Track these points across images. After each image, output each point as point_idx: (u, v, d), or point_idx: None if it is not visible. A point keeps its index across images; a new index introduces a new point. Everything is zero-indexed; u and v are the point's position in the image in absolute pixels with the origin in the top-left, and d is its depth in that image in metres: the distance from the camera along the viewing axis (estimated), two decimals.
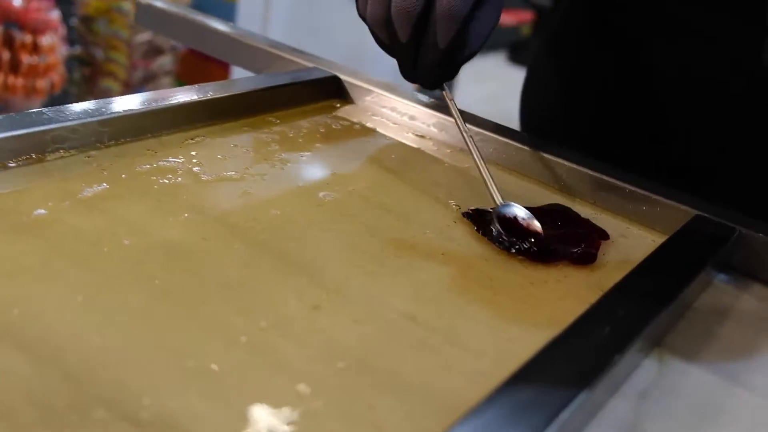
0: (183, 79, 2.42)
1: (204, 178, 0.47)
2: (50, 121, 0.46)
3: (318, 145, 0.56)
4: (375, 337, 0.35)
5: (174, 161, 0.48)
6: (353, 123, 0.60)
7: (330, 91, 0.64)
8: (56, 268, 0.36)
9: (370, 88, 0.62)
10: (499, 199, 0.47)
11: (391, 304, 0.38)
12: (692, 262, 0.43)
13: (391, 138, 0.59)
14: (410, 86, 0.65)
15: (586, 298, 0.40)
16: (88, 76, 2.35)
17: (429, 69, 0.48)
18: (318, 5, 2.45)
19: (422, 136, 0.60)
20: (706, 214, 0.49)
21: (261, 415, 0.29)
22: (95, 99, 0.51)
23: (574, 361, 0.32)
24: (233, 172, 0.48)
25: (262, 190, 0.47)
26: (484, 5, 0.47)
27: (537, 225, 0.45)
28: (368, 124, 0.61)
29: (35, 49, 2.04)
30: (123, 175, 0.45)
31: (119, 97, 0.50)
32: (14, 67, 2.03)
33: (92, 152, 0.47)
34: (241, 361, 0.32)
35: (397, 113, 0.61)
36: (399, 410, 0.31)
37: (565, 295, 0.42)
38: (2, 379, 0.29)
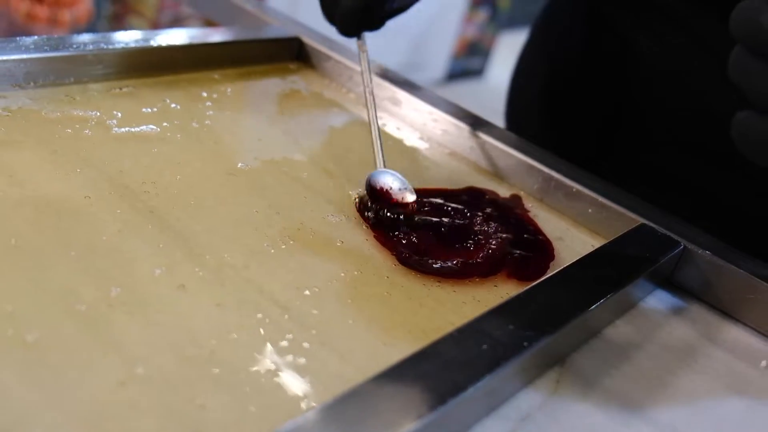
0: (214, 25, 2.39)
1: (115, 131, 0.44)
2: None
3: (256, 108, 0.52)
4: (235, 327, 0.32)
5: (90, 111, 0.45)
6: (303, 89, 0.57)
7: (289, 52, 0.60)
8: None
9: (330, 53, 0.59)
10: (381, 164, 0.43)
11: (268, 292, 0.35)
12: (616, 276, 0.39)
13: (340, 108, 0.56)
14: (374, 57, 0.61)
15: (491, 305, 0.37)
16: (116, 14, 2.33)
17: (347, 13, 0.45)
18: None
19: None
20: (651, 224, 0.45)
21: (74, 398, 0.27)
22: None
23: (434, 377, 0.29)
24: (151, 129, 0.45)
25: (174, 151, 0.44)
26: None
27: (410, 197, 0.42)
28: (320, 91, 0.57)
29: None
30: (26, 121, 0.43)
31: (45, 36, 0.48)
32: None
33: (4, 93, 0.45)
34: (70, 336, 0.29)
35: (354, 83, 0.58)
36: (230, 414, 0.28)
37: (470, 300, 0.38)
38: None
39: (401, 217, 0.41)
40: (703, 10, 0.53)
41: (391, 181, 0.42)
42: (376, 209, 0.41)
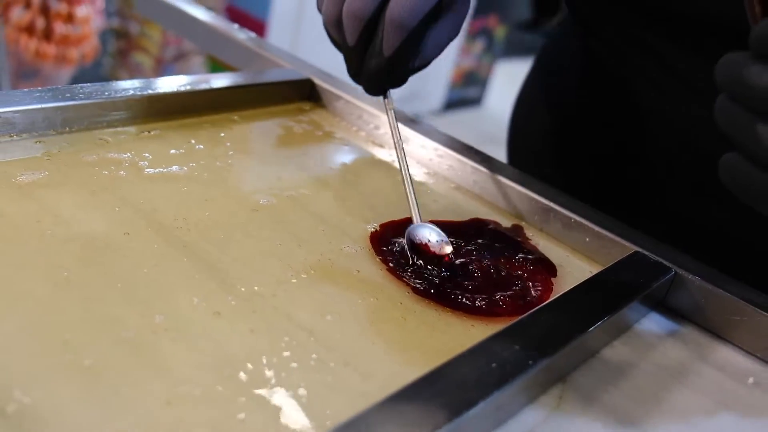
0: (216, 60, 2.44)
1: (147, 172, 0.48)
2: (1, 103, 0.47)
3: (273, 147, 0.56)
4: (267, 350, 0.36)
5: (123, 153, 0.49)
6: (316, 128, 0.61)
7: (301, 93, 0.64)
8: None
9: (340, 93, 0.63)
10: (417, 218, 0.46)
11: (295, 318, 0.38)
12: (612, 300, 0.43)
13: (350, 146, 0.60)
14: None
15: (498, 328, 0.40)
16: (121, 50, 2.39)
17: (372, 75, 0.48)
18: None
19: (381, 146, 0.60)
20: (644, 251, 0.48)
21: (128, 416, 0.30)
22: (127, 72, 0.52)
23: (448, 394, 0.32)
24: (179, 169, 0.49)
25: (201, 190, 0.48)
26: (442, 19, 0.47)
27: (447, 249, 0.44)
28: (332, 130, 0.61)
29: (70, 18, 2.08)
30: (66, 164, 0.46)
31: (79, 84, 0.51)
32: (47, 34, 2.07)
33: (44, 138, 0.49)
34: (121, 360, 0.33)
35: (363, 121, 0.62)
36: (269, 428, 0.31)
37: (478, 323, 0.42)
38: None
39: (444, 272, 0.44)
40: (691, 55, 0.57)
41: (429, 235, 0.45)
42: (417, 266, 0.44)
